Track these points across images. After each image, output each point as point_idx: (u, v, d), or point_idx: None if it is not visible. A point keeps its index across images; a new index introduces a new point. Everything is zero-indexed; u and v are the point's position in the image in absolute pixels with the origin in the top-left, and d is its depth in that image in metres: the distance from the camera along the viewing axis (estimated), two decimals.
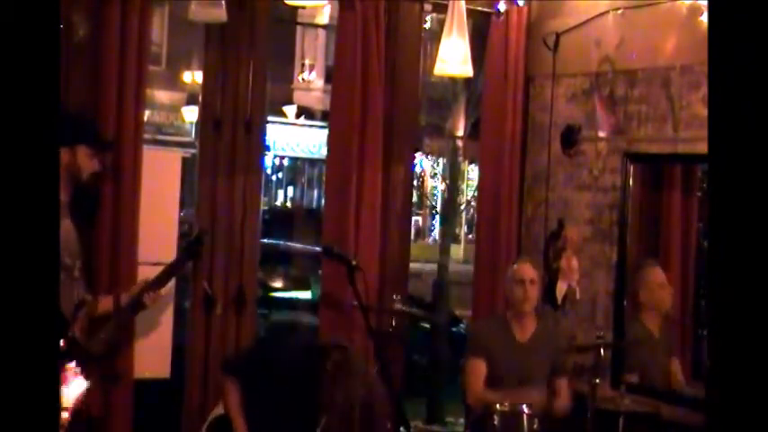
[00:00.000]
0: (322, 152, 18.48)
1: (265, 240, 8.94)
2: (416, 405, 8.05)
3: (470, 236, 18.65)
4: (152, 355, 4.54)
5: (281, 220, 16.34)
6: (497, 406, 4.31)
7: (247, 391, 4.07)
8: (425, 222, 24.27)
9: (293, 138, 22.63)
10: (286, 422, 3.93)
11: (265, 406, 3.98)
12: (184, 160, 4.83)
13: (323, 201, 5.75)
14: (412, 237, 5.82)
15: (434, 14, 6.92)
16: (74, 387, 3.77)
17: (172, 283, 4.48)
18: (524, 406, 4.31)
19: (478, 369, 4.65)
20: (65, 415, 3.71)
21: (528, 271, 4.71)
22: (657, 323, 4.94)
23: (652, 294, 4.92)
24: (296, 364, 4.01)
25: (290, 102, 21.14)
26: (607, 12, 5.08)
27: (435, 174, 21.06)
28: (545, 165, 5.44)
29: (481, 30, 5.62)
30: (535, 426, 4.29)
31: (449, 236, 10.86)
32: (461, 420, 6.53)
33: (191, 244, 4.20)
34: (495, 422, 4.29)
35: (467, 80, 8.72)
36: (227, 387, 4.11)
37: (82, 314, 3.95)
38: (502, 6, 5.37)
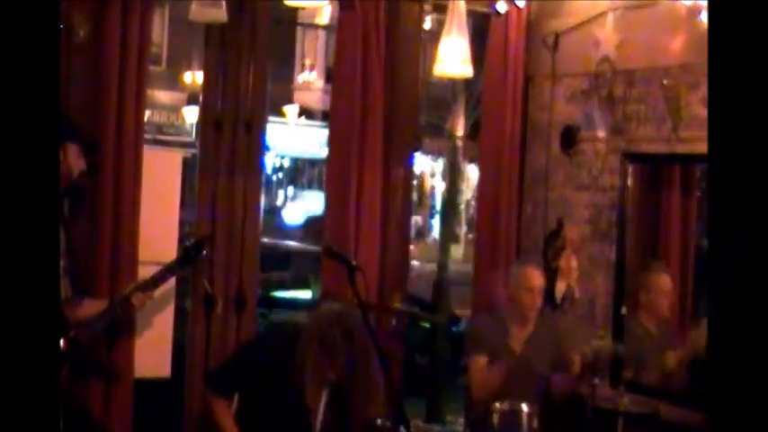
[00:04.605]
0: (322, 152, 18.49)
1: (265, 240, 8.93)
2: (416, 405, 8.04)
3: (470, 236, 18.67)
4: (152, 354, 4.53)
5: None
6: (497, 405, 4.31)
7: (239, 404, 3.95)
8: (425, 222, 24.29)
9: (293, 138, 22.64)
10: (283, 426, 3.85)
11: (259, 414, 3.87)
12: (184, 160, 4.82)
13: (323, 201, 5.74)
14: (412, 237, 5.81)
15: (434, 14, 6.91)
16: None
17: (172, 283, 4.48)
18: (524, 405, 4.31)
19: (481, 365, 4.66)
20: None
21: (538, 279, 4.71)
22: (654, 322, 4.96)
23: (652, 299, 4.92)
24: (283, 365, 3.80)
25: (290, 102, 21.13)
26: (607, 12, 5.08)
27: (435, 174, 21.07)
28: (544, 165, 5.44)
29: (481, 30, 5.63)
30: (535, 425, 4.29)
31: (449, 236, 10.85)
32: (461, 420, 6.53)
33: (188, 251, 4.18)
34: (495, 421, 4.29)
35: (467, 80, 8.71)
36: (215, 404, 3.94)
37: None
38: (501, 6, 5.36)
